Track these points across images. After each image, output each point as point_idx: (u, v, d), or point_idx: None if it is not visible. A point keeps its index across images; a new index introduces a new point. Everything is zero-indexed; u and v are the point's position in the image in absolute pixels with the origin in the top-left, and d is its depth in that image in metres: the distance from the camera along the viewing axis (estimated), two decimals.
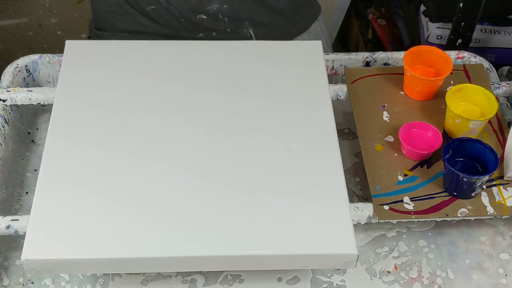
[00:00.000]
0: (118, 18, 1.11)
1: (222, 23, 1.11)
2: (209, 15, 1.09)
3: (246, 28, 1.12)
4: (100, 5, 1.12)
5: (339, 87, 1.02)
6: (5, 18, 2.33)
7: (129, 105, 0.93)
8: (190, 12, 1.09)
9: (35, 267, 0.78)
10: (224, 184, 0.84)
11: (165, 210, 0.81)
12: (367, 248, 0.92)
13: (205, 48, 1.02)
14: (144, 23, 1.11)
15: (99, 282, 0.87)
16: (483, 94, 0.94)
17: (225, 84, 0.96)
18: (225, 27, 1.11)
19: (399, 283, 0.88)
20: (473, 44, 1.55)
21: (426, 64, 1.01)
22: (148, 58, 0.99)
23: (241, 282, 0.88)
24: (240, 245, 0.79)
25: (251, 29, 1.12)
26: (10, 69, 1.04)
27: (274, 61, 1.00)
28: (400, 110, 0.98)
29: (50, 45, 2.24)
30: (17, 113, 1.04)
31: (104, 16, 1.13)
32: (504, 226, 0.95)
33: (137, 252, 0.77)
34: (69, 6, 2.39)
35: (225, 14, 1.10)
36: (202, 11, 1.09)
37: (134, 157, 0.86)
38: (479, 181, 0.85)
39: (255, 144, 0.89)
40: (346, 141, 1.04)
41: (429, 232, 0.94)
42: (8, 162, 0.98)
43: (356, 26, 2.01)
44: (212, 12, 1.09)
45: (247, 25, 1.11)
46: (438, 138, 0.92)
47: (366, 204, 0.87)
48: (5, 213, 0.93)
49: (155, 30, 1.12)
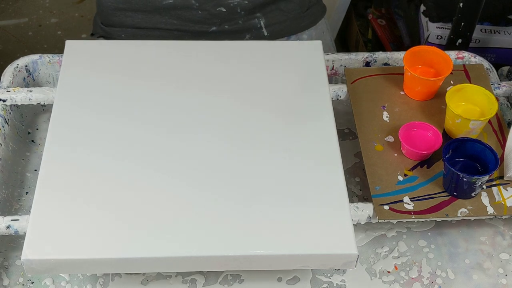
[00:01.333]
0: (128, 15, 1.11)
1: (237, 16, 1.11)
2: (229, 8, 1.10)
3: (258, 19, 1.12)
4: (108, 2, 1.12)
5: (339, 87, 1.02)
6: (5, 18, 2.33)
7: (129, 106, 0.93)
8: (210, 4, 1.08)
9: (35, 267, 0.78)
10: (224, 184, 0.84)
11: (165, 210, 0.81)
12: (367, 248, 0.92)
13: (205, 48, 1.02)
14: (156, 19, 1.11)
15: (99, 282, 0.87)
16: (483, 94, 0.94)
17: (225, 84, 0.96)
18: (238, 19, 1.12)
19: (399, 283, 0.88)
20: (473, 44, 1.55)
21: (426, 64, 1.01)
22: (148, 58, 0.99)
23: (241, 282, 0.88)
24: (240, 245, 0.79)
25: (263, 20, 1.12)
26: (10, 69, 1.04)
27: (274, 61, 1.00)
28: (400, 110, 0.98)
29: (50, 45, 2.24)
30: (17, 113, 1.04)
31: (113, 13, 1.13)
32: (504, 226, 0.95)
33: (137, 252, 0.77)
34: (69, 6, 2.39)
35: (242, 8, 1.10)
36: (223, 4, 1.09)
37: (134, 157, 0.86)
38: (479, 181, 0.85)
39: (255, 144, 0.89)
40: (346, 141, 1.04)
41: (429, 232, 0.94)
42: (8, 162, 0.98)
43: (356, 26, 2.01)
44: (232, 5, 1.09)
45: (259, 17, 1.12)
46: (438, 138, 0.92)
47: (366, 204, 0.87)
48: (5, 213, 0.93)
49: (166, 25, 1.11)
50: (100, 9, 1.16)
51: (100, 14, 1.17)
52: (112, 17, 1.13)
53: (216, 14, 1.10)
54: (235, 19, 1.12)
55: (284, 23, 1.16)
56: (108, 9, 1.13)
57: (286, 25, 1.16)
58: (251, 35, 1.14)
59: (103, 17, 1.16)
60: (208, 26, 1.12)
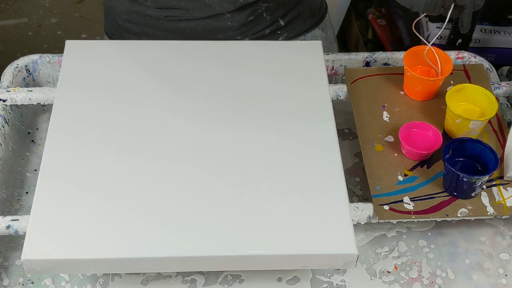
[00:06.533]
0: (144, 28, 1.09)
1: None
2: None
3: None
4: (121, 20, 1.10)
5: (339, 87, 1.02)
6: (5, 18, 2.33)
7: (128, 105, 0.93)
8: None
9: (35, 267, 0.78)
10: (224, 184, 0.84)
11: (165, 210, 0.81)
12: (367, 248, 0.92)
13: (205, 48, 1.02)
14: (165, 26, 1.09)
15: (99, 282, 0.87)
16: (483, 94, 0.94)
17: (225, 84, 0.96)
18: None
19: (399, 283, 0.88)
20: (473, 44, 1.55)
21: (426, 64, 1.01)
22: (148, 58, 0.99)
23: (241, 282, 0.88)
24: (240, 245, 0.79)
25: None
26: (10, 69, 1.04)
27: (274, 61, 1.00)
28: (400, 110, 0.98)
29: (50, 45, 2.24)
30: (17, 113, 1.04)
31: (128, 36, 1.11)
32: (504, 226, 0.95)
33: (137, 252, 0.77)
34: (69, 6, 2.39)
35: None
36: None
37: (133, 157, 0.86)
38: (479, 181, 0.85)
39: (255, 144, 0.89)
40: (346, 141, 1.04)
41: (429, 232, 0.94)
42: (8, 162, 0.98)
43: (356, 26, 2.01)
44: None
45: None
46: (438, 138, 0.92)
47: (366, 204, 0.87)
48: (5, 213, 0.93)
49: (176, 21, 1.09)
50: (109, 24, 1.14)
51: (110, 29, 1.15)
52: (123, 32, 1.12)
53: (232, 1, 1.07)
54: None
55: (302, 13, 1.12)
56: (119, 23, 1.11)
57: (301, 18, 1.13)
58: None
59: (113, 32, 1.14)
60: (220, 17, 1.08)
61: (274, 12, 1.08)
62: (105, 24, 1.17)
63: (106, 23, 1.16)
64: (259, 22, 1.08)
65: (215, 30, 1.07)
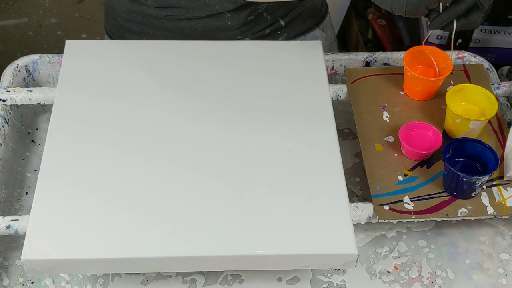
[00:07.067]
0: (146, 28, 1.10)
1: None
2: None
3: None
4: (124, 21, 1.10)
5: (339, 87, 1.02)
6: (5, 18, 2.33)
7: (128, 105, 0.93)
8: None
9: (35, 267, 0.78)
10: (224, 184, 0.84)
11: (165, 210, 0.81)
12: (367, 248, 0.92)
13: (205, 48, 1.02)
14: (170, 26, 1.09)
15: (99, 282, 0.87)
16: (483, 94, 0.94)
17: (225, 83, 0.96)
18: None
19: (399, 283, 0.88)
20: (473, 44, 1.55)
21: (426, 64, 1.01)
22: (148, 58, 0.99)
23: (241, 282, 0.88)
24: (240, 245, 0.79)
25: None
26: (10, 69, 1.04)
27: (274, 61, 1.00)
28: (400, 110, 0.98)
29: (50, 45, 2.24)
30: (17, 113, 1.04)
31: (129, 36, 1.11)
32: (504, 226, 0.95)
33: (137, 252, 0.77)
34: (69, 6, 2.39)
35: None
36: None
37: (133, 157, 0.86)
38: (479, 181, 0.85)
39: (255, 145, 0.89)
40: (346, 141, 1.04)
41: (429, 232, 0.94)
42: (8, 162, 0.98)
43: (356, 26, 2.01)
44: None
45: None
46: (438, 138, 0.92)
47: (366, 204, 0.87)
48: (5, 213, 0.93)
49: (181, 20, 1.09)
50: (110, 25, 1.14)
51: (112, 30, 1.15)
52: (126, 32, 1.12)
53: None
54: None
55: (304, 14, 1.12)
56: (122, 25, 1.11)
57: (302, 17, 1.13)
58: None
59: (116, 32, 1.14)
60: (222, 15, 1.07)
61: (275, 12, 1.09)
62: (105, 23, 1.17)
63: (106, 23, 1.16)
64: (259, 22, 1.08)
65: (215, 29, 1.07)
